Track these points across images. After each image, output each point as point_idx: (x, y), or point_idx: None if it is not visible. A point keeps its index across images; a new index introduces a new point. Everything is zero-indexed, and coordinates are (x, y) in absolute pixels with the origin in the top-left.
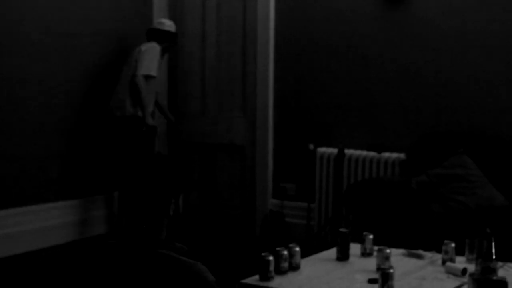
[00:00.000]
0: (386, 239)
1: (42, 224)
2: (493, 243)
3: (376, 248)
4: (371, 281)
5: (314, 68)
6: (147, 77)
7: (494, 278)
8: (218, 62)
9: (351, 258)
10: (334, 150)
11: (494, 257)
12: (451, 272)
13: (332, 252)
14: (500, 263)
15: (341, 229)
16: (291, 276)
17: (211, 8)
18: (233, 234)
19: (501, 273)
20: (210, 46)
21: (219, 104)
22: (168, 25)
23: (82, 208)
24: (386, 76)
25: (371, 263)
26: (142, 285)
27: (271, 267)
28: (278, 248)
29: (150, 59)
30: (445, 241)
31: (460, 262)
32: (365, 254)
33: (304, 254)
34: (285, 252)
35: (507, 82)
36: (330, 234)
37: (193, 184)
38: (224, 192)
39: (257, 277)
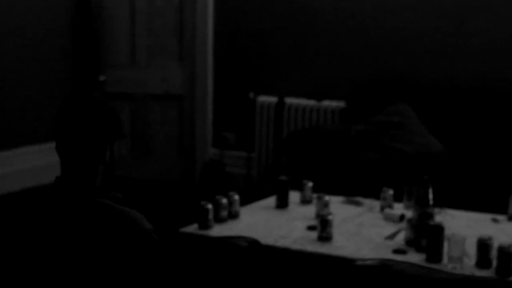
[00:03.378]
0: (325, 187)
1: None
2: (430, 190)
3: (315, 195)
4: (310, 228)
5: (254, 16)
6: None
7: (431, 223)
8: (149, 9)
9: (290, 206)
10: (274, 99)
11: (431, 203)
12: (389, 219)
13: (272, 200)
14: (437, 209)
15: (281, 177)
16: (230, 224)
17: None
18: (170, 184)
19: (438, 218)
20: None
21: (149, 53)
22: None
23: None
24: (325, 24)
25: (310, 210)
26: (77, 233)
27: (210, 216)
28: (217, 197)
29: None
30: (384, 188)
31: (398, 209)
32: (304, 201)
33: (244, 203)
34: (224, 201)
35: (448, 31)
36: (270, 183)
37: (125, 131)
38: (158, 142)
39: (196, 225)
